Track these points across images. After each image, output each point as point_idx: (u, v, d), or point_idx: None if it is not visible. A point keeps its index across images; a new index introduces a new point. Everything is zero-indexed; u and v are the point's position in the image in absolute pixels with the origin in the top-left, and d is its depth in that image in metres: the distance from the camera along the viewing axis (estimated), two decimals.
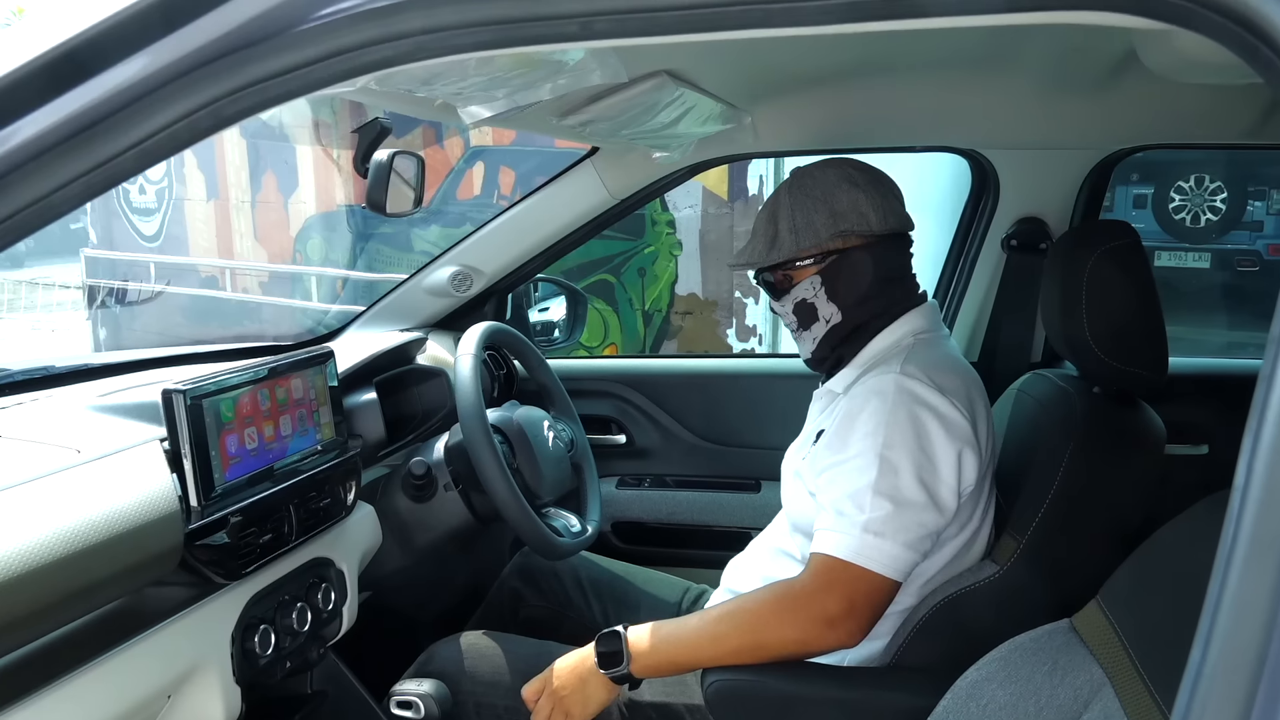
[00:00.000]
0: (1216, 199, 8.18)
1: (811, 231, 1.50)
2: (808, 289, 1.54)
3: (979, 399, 1.48)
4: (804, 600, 1.36)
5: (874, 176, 1.54)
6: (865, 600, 1.35)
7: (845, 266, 1.51)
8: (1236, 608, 0.46)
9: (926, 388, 1.39)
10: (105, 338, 8.70)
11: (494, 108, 1.13)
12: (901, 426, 1.37)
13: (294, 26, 0.63)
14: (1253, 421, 0.48)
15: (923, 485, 1.36)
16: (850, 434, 1.41)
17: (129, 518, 1.14)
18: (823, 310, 1.54)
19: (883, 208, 1.51)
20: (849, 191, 1.50)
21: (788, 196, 1.54)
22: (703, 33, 0.63)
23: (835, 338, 1.55)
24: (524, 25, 0.61)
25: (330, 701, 1.66)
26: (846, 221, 1.49)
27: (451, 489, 1.73)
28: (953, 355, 1.53)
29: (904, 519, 1.34)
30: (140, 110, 0.63)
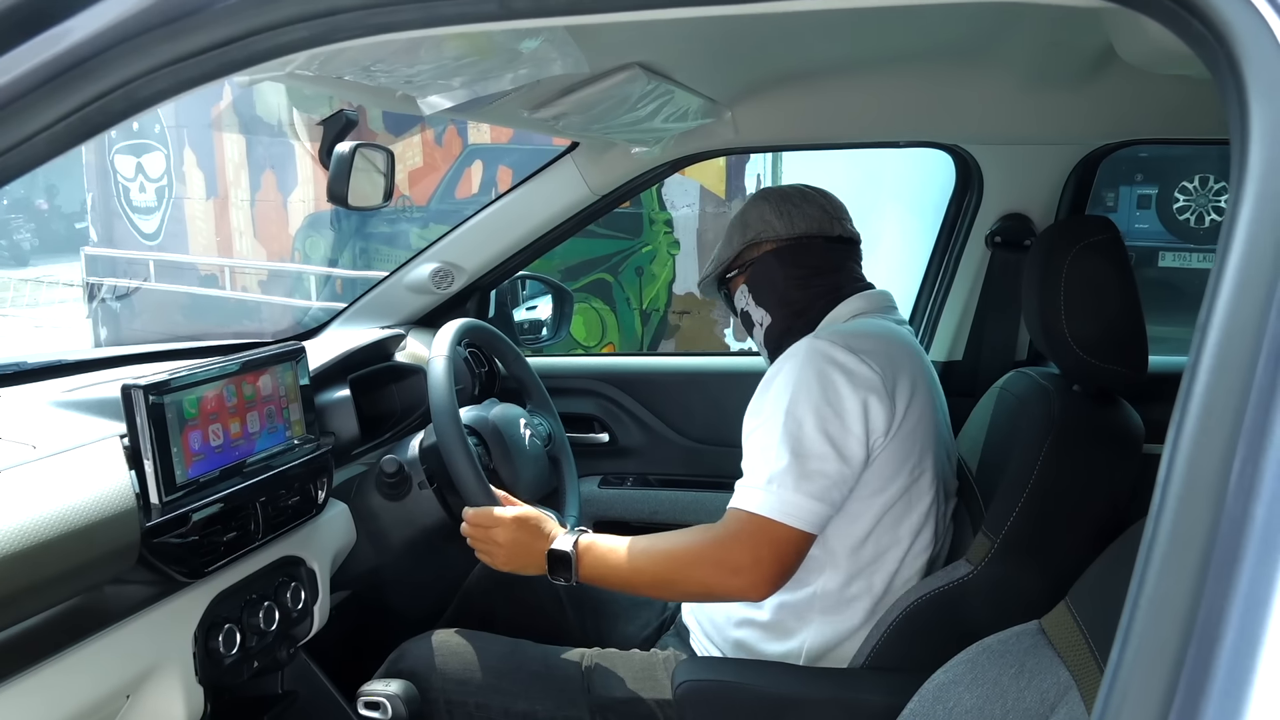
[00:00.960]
0: (1221, 199, 8.14)
1: (730, 247, 1.68)
2: (742, 298, 1.68)
3: (905, 364, 1.47)
4: (713, 548, 1.40)
5: (789, 192, 1.67)
6: (770, 551, 1.36)
7: (761, 270, 1.64)
8: (1156, 606, 0.44)
9: (835, 347, 1.42)
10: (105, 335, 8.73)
11: (454, 98, 1.10)
12: (807, 382, 1.40)
13: (209, 5, 0.62)
14: (1176, 414, 0.46)
15: (825, 436, 1.38)
16: (764, 396, 1.46)
17: (83, 514, 1.13)
18: (755, 314, 1.67)
19: (789, 214, 1.63)
20: (757, 206, 1.66)
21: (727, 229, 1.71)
22: (630, 11, 0.61)
23: (772, 336, 1.65)
24: (441, 4, 0.59)
25: (301, 701, 1.65)
26: (752, 230, 1.64)
27: (426, 487, 1.71)
28: (884, 328, 1.53)
29: (806, 468, 1.36)
30: (50, 93, 0.62)
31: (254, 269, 8.58)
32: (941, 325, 2.18)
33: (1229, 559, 0.42)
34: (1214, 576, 0.42)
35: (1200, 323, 0.46)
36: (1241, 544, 0.42)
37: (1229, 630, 0.41)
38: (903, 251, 1.82)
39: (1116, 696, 0.43)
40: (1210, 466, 0.44)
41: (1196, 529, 0.43)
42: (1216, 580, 0.42)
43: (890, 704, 1.22)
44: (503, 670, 1.54)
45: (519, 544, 1.50)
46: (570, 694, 1.50)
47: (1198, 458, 0.44)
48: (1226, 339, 0.45)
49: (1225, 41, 0.48)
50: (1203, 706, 0.41)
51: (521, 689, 1.51)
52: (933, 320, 2.20)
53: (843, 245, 1.66)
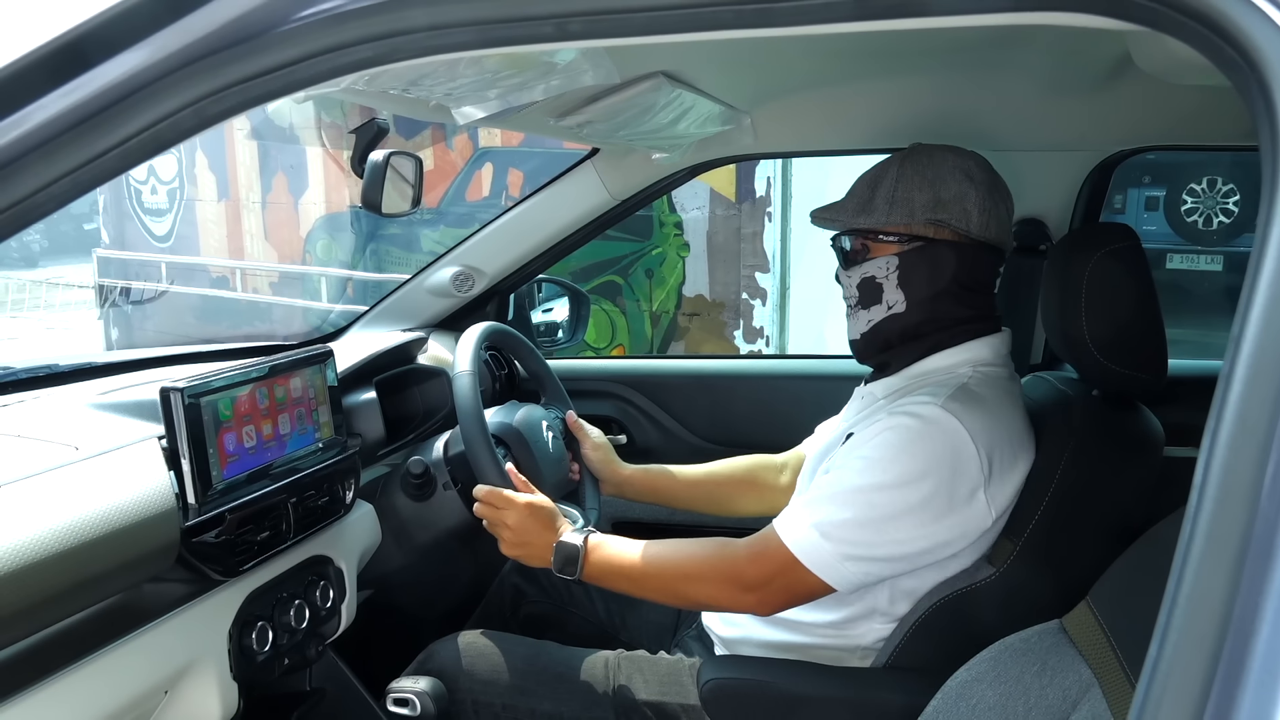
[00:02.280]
0: (1229, 201, 8.14)
1: (907, 208, 1.42)
2: (880, 267, 1.45)
3: (1012, 449, 1.39)
4: (730, 561, 1.40)
5: (994, 180, 1.46)
6: (783, 583, 1.36)
7: (928, 258, 1.42)
8: (1193, 603, 0.46)
9: (961, 428, 1.32)
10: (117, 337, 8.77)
11: (487, 108, 1.13)
12: (913, 458, 1.32)
13: (276, 27, 0.64)
14: (1211, 420, 0.48)
15: (891, 524, 1.33)
16: (870, 441, 1.38)
17: (125, 514, 1.16)
18: (889, 294, 1.45)
19: (989, 212, 1.43)
20: (960, 183, 1.42)
21: (897, 167, 1.46)
22: (678, 34, 0.63)
23: (891, 329, 1.47)
24: (500, 26, 0.62)
25: (329, 699, 1.68)
26: (946, 211, 1.41)
27: (450, 488, 1.74)
28: (1005, 397, 1.43)
29: (855, 537, 1.33)
30: (124, 110, 0.64)
31: (265, 271, 8.62)
32: None
33: (1263, 556, 0.45)
34: (1249, 573, 0.45)
35: (1234, 334, 0.49)
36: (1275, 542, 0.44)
37: (1264, 624, 0.44)
38: None
39: (1157, 687, 0.45)
40: (1244, 470, 0.46)
41: (1232, 529, 0.46)
42: (1251, 577, 0.45)
43: (912, 703, 1.24)
44: (529, 672, 1.56)
45: (527, 530, 1.52)
46: (595, 696, 1.53)
47: (1233, 462, 0.47)
48: (1260, 350, 0.47)
49: (1257, 67, 0.50)
50: (1239, 696, 0.43)
51: (548, 690, 1.54)
52: None
53: (1003, 260, 1.51)
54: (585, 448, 1.88)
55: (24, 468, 1.15)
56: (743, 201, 6.28)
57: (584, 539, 1.49)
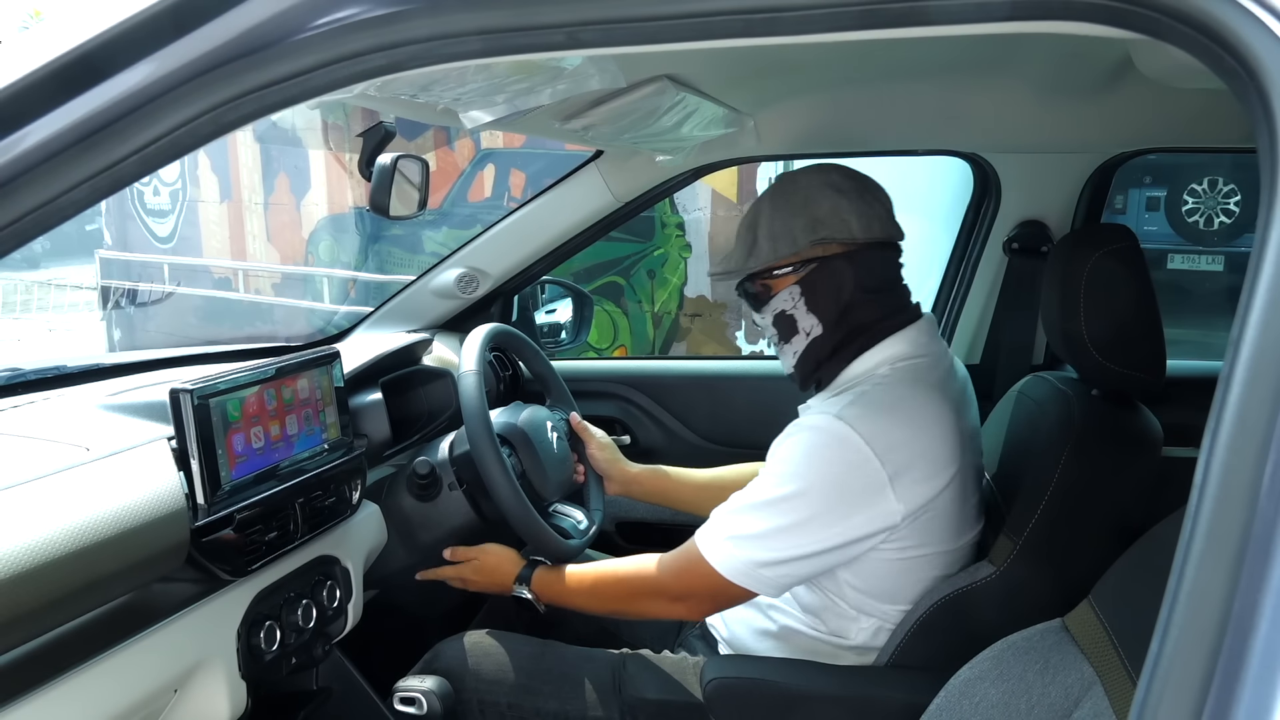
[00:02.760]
0: (1230, 201, 8.14)
1: (789, 239, 1.46)
2: (786, 299, 1.50)
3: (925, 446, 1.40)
4: (655, 577, 1.52)
5: (859, 183, 1.49)
6: (706, 592, 1.46)
7: (825, 276, 1.46)
8: (1193, 601, 0.47)
9: (853, 434, 1.35)
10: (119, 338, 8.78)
11: (495, 112, 1.15)
12: (808, 468, 1.39)
13: (293, 35, 0.65)
14: (1211, 421, 0.49)
15: (795, 532, 1.38)
16: (775, 454, 1.45)
17: (136, 514, 1.16)
18: (802, 322, 1.50)
19: (866, 215, 1.46)
20: (830, 197, 1.46)
21: (768, 204, 1.51)
22: (688, 41, 0.65)
23: (817, 352, 1.51)
24: (513, 35, 0.63)
25: (335, 698, 1.68)
26: (826, 228, 1.45)
27: (456, 489, 1.75)
28: (916, 396, 1.43)
29: (764, 546, 1.40)
30: (144, 116, 0.66)
31: (267, 272, 8.63)
32: (959, 330, 2.21)
33: (1262, 555, 0.46)
34: (1248, 571, 0.46)
35: (1234, 336, 0.50)
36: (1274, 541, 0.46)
37: (1263, 621, 0.45)
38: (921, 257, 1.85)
39: (1158, 683, 0.46)
40: (1244, 470, 0.47)
41: (1231, 528, 0.47)
42: (1250, 575, 0.46)
43: (914, 702, 1.25)
44: (534, 671, 1.57)
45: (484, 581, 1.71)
46: (601, 694, 1.54)
47: (1233, 462, 0.48)
48: (1259, 351, 0.48)
49: (1255, 75, 0.51)
50: (1239, 692, 0.45)
51: (553, 689, 1.55)
52: (950, 325, 2.24)
53: (899, 251, 1.54)
54: (591, 448, 1.90)
55: (35, 468, 1.16)
56: (744, 202, 6.28)
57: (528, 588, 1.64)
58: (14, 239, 0.64)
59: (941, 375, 1.50)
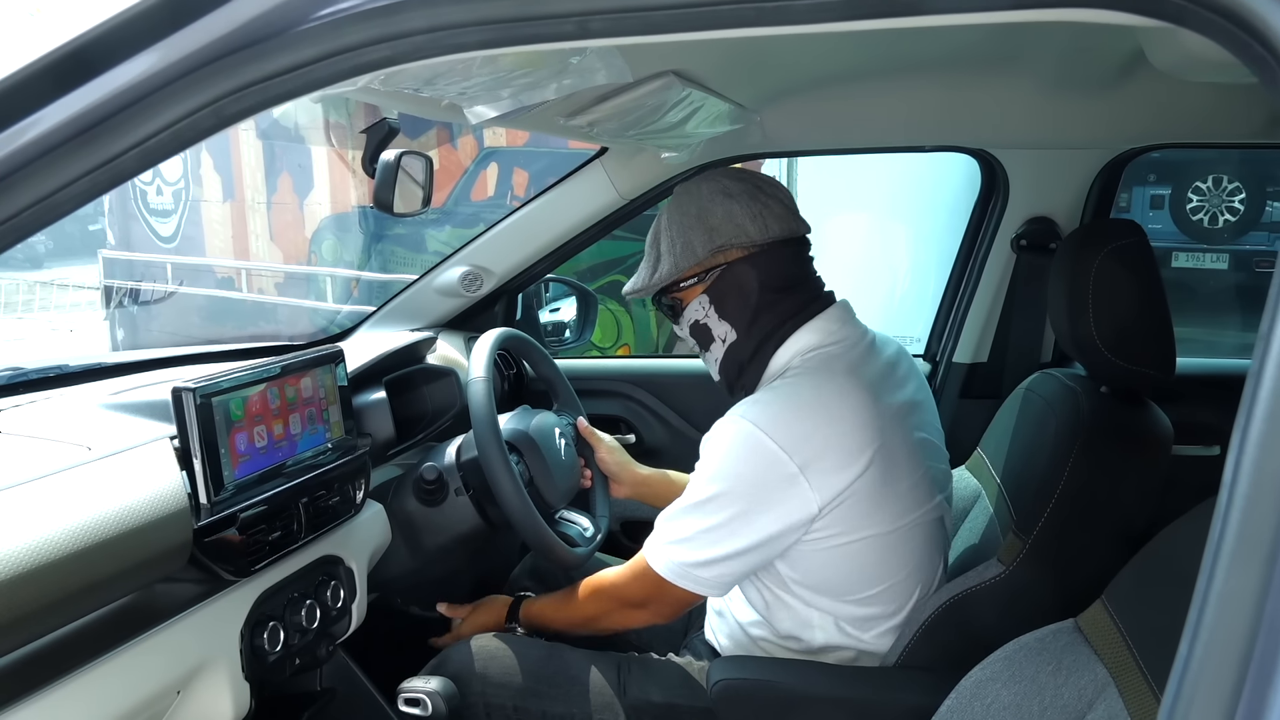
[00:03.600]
0: (1235, 199, 8.12)
1: (690, 251, 1.49)
2: (698, 309, 1.53)
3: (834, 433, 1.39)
4: (616, 589, 1.57)
5: (752, 184, 1.51)
6: (661, 596, 1.51)
7: (729, 281, 1.49)
8: (1223, 603, 0.46)
9: (756, 432, 1.38)
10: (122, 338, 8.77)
11: (499, 107, 1.13)
12: (719, 469, 1.42)
13: (295, 26, 0.64)
14: (1241, 418, 0.48)
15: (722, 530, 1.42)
16: (701, 460, 1.48)
17: (139, 514, 1.15)
18: (716, 329, 1.53)
19: (761, 216, 1.48)
20: (723, 204, 1.48)
21: (666, 218, 1.54)
22: (699, 31, 0.63)
23: (737, 355, 1.53)
24: (521, 24, 0.61)
25: (339, 698, 1.67)
26: (722, 236, 1.47)
27: (462, 494, 1.73)
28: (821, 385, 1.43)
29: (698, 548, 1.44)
30: (143, 110, 0.64)
31: (270, 271, 8.63)
32: (967, 327, 2.20)
33: None
34: None
35: (1263, 331, 0.49)
36: None
37: None
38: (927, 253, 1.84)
39: (1188, 687, 0.45)
40: (1276, 467, 0.46)
41: (1263, 528, 0.46)
42: None
43: (924, 703, 1.24)
44: (541, 674, 1.56)
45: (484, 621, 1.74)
46: (607, 698, 1.53)
47: (1263, 461, 0.46)
48: None
49: None
50: (1272, 696, 0.43)
51: (559, 693, 1.53)
52: (958, 323, 2.22)
53: (805, 245, 1.56)
54: (600, 453, 1.89)
55: (37, 468, 1.15)
56: None
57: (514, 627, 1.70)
58: (13, 233, 0.63)
59: (854, 360, 1.50)
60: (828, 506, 1.40)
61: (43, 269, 13.31)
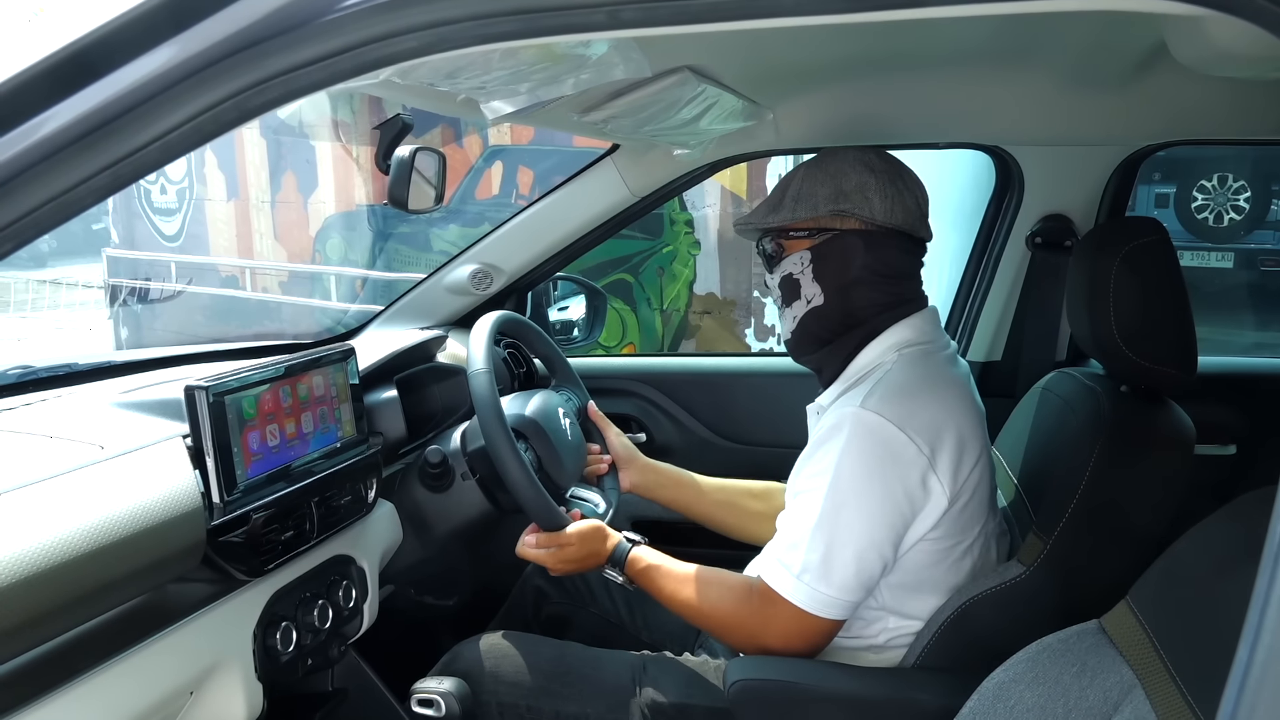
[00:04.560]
0: (1240, 198, 8.11)
1: (811, 203, 1.48)
2: (796, 263, 1.50)
3: (955, 425, 1.39)
4: (751, 624, 1.44)
5: (895, 169, 1.50)
6: (799, 634, 1.41)
7: (837, 247, 1.47)
8: None
9: (885, 423, 1.34)
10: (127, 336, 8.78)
11: (516, 102, 1.12)
12: (851, 468, 1.36)
13: (319, 17, 0.63)
14: None
15: (862, 533, 1.35)
16: (810, 464, 1.42)
17: (152, 514, 1.14)
18: (806, 289, 1.50)
19: (891, 198, 1.46)
20: (861, 174, 1.47)
21: (804, 168, 1.53)
22: (730, 21, 0.62)
23: (814, 323, 1.51)
24: (551, 14, 0.60)
25: (351, 699, 1.66)
26: (848, 201, 1.46)
27: (469, 478, 1.72)
28: (933, 376, 1.44)
29: (841, 567, 1.36)
30: (165, 102, 0.63)
31: (275, 270, 8.62)
32: (980, 326, 2.18)
33: None
34: None
35: None
36: None
37: None
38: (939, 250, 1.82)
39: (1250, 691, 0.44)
40: None
41: None
42: None
43: (945, 704, 1.22)
44: (553, 673, 1.55)
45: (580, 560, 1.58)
46: (620, 697, 1.51)
47: None
48: None
49: None
50: None
51: (572, 691, 1.52)
52: (972, 321, 2.21)
53: (921, 249, 1.55)
54: (610, 435, 1.90)
55: (50, 467, 1.14)
56: (754, 199, 6.26)
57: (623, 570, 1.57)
58: (34, 227, 0.62)
59: (947, 358, 1.51)
60: (953, 500, 1.38)
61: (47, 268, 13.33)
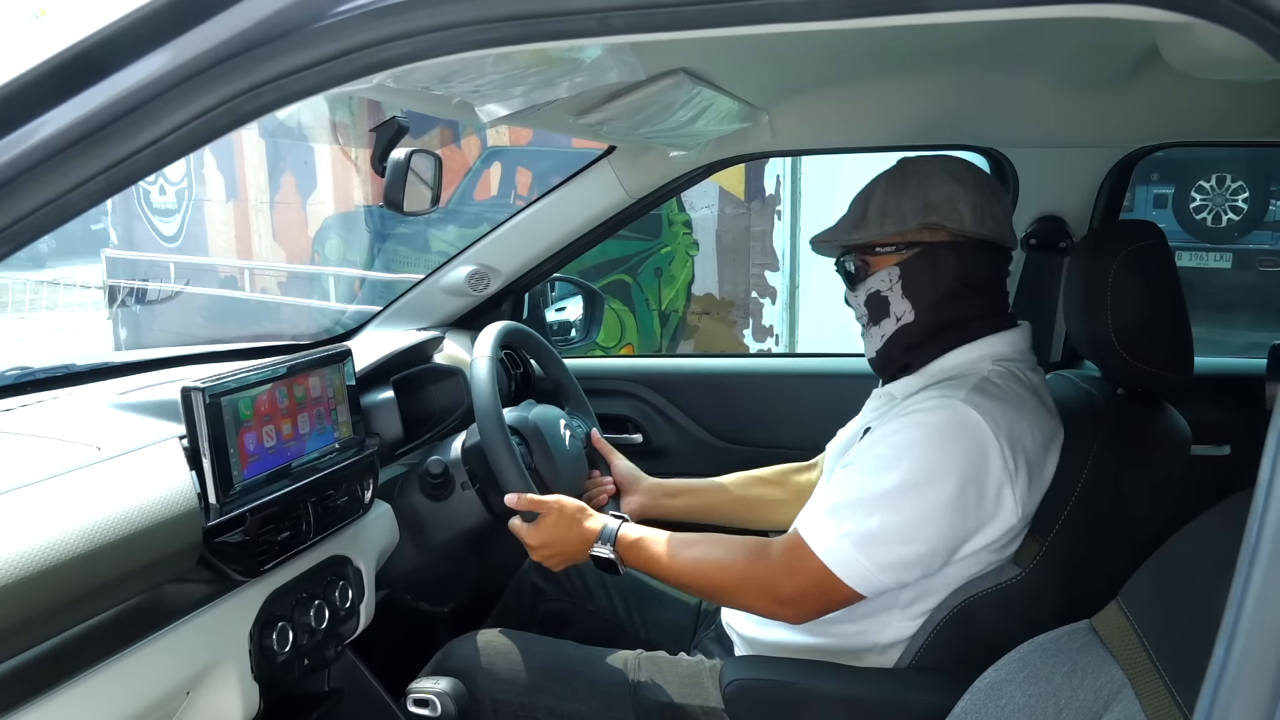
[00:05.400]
0: (1238, 198, 8.13)
1: (899, 216, 1.42)
2: (884, 280, 1.45)
3: (1037, 446, 1.37)
4: (766, 574, 1.39)
5: (981, 178, 1.46)
6: (817, 594, 1.36)
7: (927, 262, 1.42)
8: (1260, 605, 0.45)
9: (984, 424, 1.30)
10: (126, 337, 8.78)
11: (511, 105, 1.13)
12: (936, 454, 1.31)
13: (312, 23, 0.64)
14: (1277, 418, 0.47)
15: (921, 526, 1.32)
16: (887, 440, 1.36)
17: (148, 515, 1.15)
18: (895, 306, 1.45)
19: (981, 209, 1.41)
20: (947, 184, 1.42)
21: (885, 181, 1.47)
22: (722, 27, 0.62)
23: (905, 339, 1.46)
24: (542, 21, 0.61)
25: (347, 699, 1.67)
26: (938, 213, 1.40)
27: (469, 488, 1.73)
28: (1028, 392, 1.41)
29: (887, 544, 1.32)
30: (159, 107, 0.64)
31: (274, 271, 8.62)
32: None
33: None
34: None
35: None
36: None
37: None
38: None
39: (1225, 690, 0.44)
40: None
41: None
42: None
43: (938, 704, 1.23)
44: (547, 671, 1.55)
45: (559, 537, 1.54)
46: (615, 696, 1.52)
47: None
48: None
49: None
50: None
51: (567, 689, 1.53)
52: None
53: (1008, 259, 1.50)
54: (615, 461, 1.89)
55: (46, 468, 1.15)
56: (752, 200, 6.26)
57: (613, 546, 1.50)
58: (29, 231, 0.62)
59: (1042, 380, 1.48)
60: (1020, 521, 1.35)
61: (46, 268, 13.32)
